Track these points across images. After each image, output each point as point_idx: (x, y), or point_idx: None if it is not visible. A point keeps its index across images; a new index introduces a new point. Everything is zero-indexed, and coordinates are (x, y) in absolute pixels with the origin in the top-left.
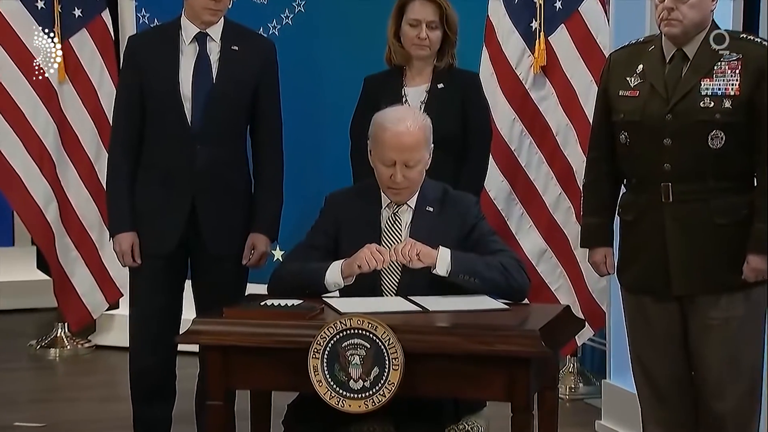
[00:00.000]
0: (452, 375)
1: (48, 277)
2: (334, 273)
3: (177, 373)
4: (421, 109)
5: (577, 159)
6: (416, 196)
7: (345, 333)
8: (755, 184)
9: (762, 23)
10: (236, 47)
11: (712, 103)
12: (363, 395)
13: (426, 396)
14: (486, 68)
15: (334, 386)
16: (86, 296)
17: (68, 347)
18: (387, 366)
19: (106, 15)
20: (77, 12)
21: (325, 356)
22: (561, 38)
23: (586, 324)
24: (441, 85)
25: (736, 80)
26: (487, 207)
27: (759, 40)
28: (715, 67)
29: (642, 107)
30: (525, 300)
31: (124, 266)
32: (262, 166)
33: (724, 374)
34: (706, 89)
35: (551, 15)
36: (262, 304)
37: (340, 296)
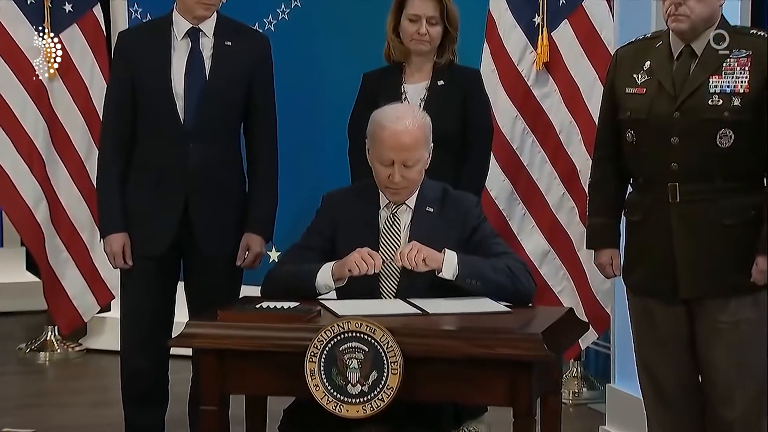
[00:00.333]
0: (452, 379)
1: (38, 279)
2: (325, 275)
3: (170, 378)
4: (421, 107)
5: (581, 158)
6: (415, 196)
7: (343, 336)
8: (765, 184)
9: None
10: (230, 43)
11: (721, 101)
12: (361, 400)
13: (426, 401)
14: (487, 64)
15: (332, 391)
16: (77, 298)
17: (58, 351)
18: (386, 370)
19: (98, 10)
20: (68, 7)
21: (323, 360)
22: (564, 34)
23: (590, 327)
24: (441, 82)
25: (745, 77)
26: (489, 207)
27: None
28: (724, 64)
29: (649, 105)
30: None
31: (115, 268)
32: (257, 165)
33: (733, 380)
34: (715, 86)
35: (554, 10)
36: (258, 307)
37: (338, 298)
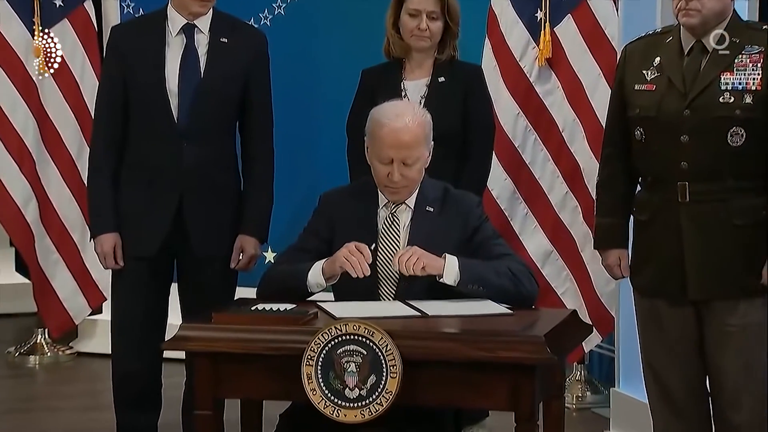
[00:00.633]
0: (453, 383)
1: (27, 281)
2: (316, 273)
3: (163, 381)
4: (421, 104)
5: (585, 156)
6: (415, 196)
7: (340, 339)
8: None
9: None
10: (225, 39)
11: (732, 98)
12: (359, 404)
13: (425, 405)
14: (488, 60)
15: (329, 395)
16: (67, 300)
17: (48, 354)
18: (384, 374)
19: (89, 5)
20: (58, 1)
21: (320, 363)
22: (567, 29)
23: (594, 330)
24: (442, 79)
25: (758, 74)
26: (490, 206)
27: None
28: (736, 60)
29: (658, 102)
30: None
31: (106, 268)
32: (252, 164)
33: (740, 383)
34: (726, 83)
35: (557, 4)
36: (253, 309)
37: (336, 300)
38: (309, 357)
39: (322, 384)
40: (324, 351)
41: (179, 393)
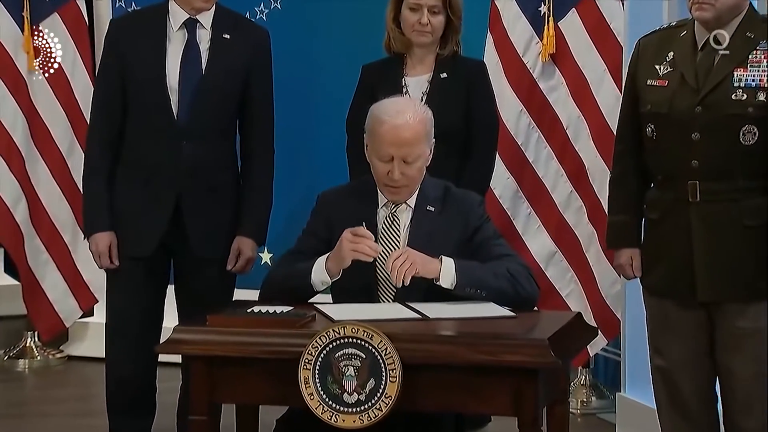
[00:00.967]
0: (454, 387)
1: (16, 282)
2: (319, 270)
3: (157, 386)
4: (423, 101)
5: (589, 154)
6: (416, 195)
7: (338, 342)
8: None
9: None
10: (228, 36)
11: (745, 96)
12: (358, 409)
13: (426, 410)
14: (491, 56)
15: (327, 400)
16: (58, 303)
17: (38, 358)
18: (384, 378)
19: None
20: None
21: (317, 367)
22: (572, 24)
23: (599, 332)
24: (444, 75)
25: None
26: (492, 206)
27: None
28: (750, 56)
29: (670, 98)
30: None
31: (101, 268)
32: (251, 165)
33: (752, 389)
34: (739, 80)
35: None
36: (249, 311)
37: (334, 302)
38: (306, 361)
39: (320, 388)
40: (322, 354)
41: (174, 398)
